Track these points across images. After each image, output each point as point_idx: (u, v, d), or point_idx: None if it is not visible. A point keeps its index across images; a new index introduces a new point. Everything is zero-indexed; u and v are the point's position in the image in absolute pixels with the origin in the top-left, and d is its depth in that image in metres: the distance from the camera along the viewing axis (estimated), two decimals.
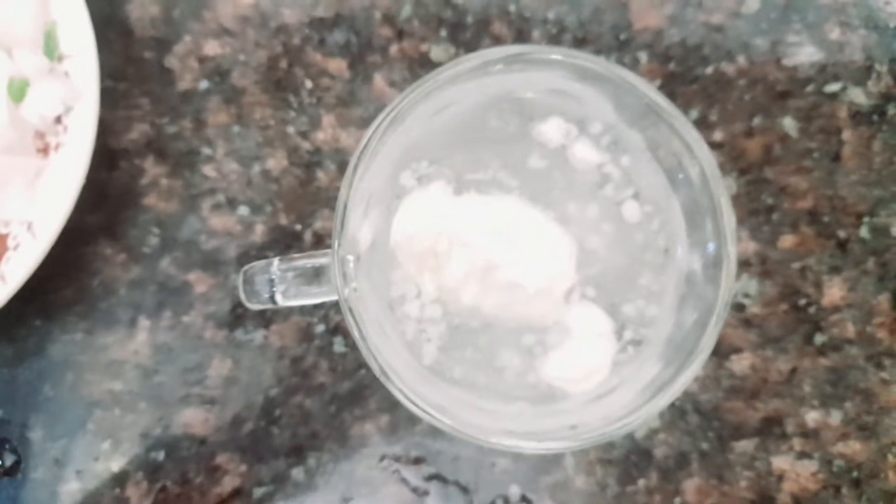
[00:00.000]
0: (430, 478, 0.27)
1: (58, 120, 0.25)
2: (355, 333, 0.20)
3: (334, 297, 0.22)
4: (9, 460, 0.27)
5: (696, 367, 0.20)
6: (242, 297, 0.22)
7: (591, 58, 0.20)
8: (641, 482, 0.27)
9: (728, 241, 0.20)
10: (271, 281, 0.21)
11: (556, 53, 0.21)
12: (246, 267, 0.22)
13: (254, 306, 0.22)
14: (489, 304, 0.21)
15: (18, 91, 0.25)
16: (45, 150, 0.26)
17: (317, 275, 0.21)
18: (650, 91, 0.20)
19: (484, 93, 0.22)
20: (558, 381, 0.22)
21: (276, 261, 0.21)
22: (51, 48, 0.25)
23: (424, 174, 0.22)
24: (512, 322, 0.21)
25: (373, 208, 0.21)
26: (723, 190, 0.20)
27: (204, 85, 0.28)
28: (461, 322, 0.22)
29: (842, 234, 0.28)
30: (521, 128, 0.22)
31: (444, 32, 0.28)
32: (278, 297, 0.21)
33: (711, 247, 0.21)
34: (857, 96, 0.28)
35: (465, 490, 0.27)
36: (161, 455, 0.27)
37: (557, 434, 0.21)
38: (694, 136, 0.20)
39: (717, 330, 0.20)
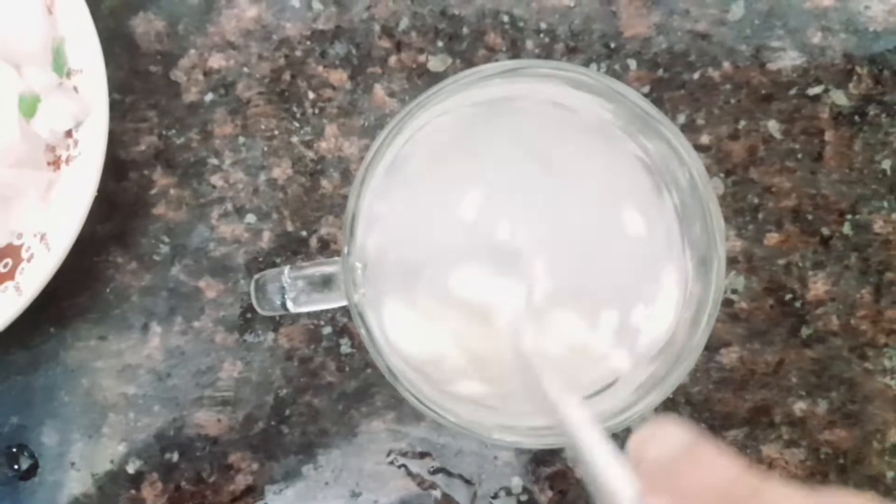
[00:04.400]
0: (436, 471, 0.28)
1: (68, 134, 0.26)
2: (364, 337, 0.21)
3: (342, 304, 0.23)
4: (25, 464, 0.28)
5: (688, 364, 0.21)
6: (255, 304, 0.23)
7: (583, 70, 0.21)
8: None
9: (718, 244, 0.21)
10: (282, 289, 0.22)
11: (550, 67, 0.22)
12: (257, 276, 0.23)
13: (266, 313, 0.23)
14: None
15: (29, 107, 0.25)
16: (56, 164, 0.26)
17: (326, 282, 0.22)
18: (640, 101, 0.21)
19: (481, 104, 0.23)
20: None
21: (286, 269, 0.22)
22: (59, 64, 0.26)
23: None
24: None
25: (376, 218, 0.22)
26: (712, 194, 0.21)
27: (210, 97, 0.29)
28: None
29: (825, 231, 0.29)
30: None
31: (441, 43, 0.29)
32: (289, 304, 0.22)
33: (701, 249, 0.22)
34: (839, 98, 0.30)
35: (469, 482, 0.28)
36: (175, 456, 0.28)
37: (556, 429, 0.22)
38: (683, 143, 0.22)
39: (710, 328, 0.21)
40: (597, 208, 0.23)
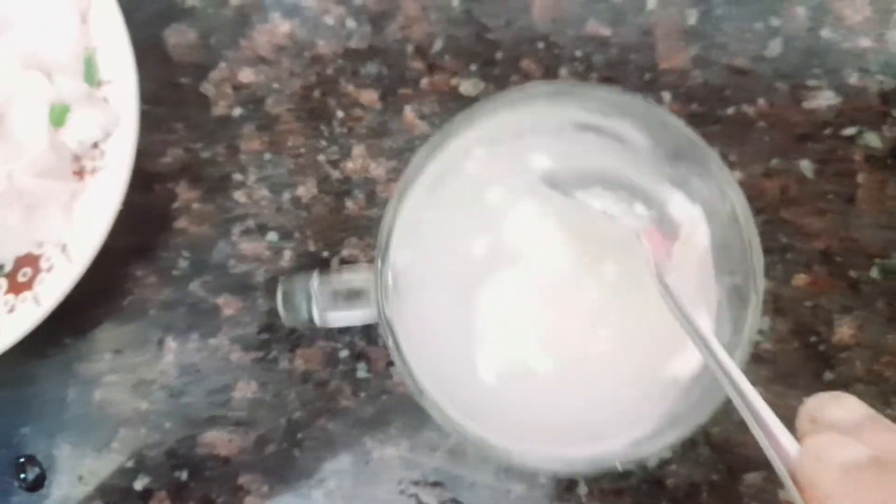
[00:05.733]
0: (447, 502, 0.27)
1: (95, 144, 0.26)
2: (393, 350, 0.20)
3: (369, 320, 0.22)
4: (33, 475, 0.28)
5: (716, 400, 0.21)
6: (281, 313, 0.23)
7: (633, 97, 0.21)
8: None
9: (757, 279, 0.20)
10: (309, 298, 0.22)
11: (600, 90, 0.21)
12: (283, 279, 0.23)
13: (291, 324, 0.23)
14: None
15: (59, 116, 0.25)
16: (80, 174, 0.26)
17: (355, 295, 0.22)
18: (687, 131, 0.21)
19: (521, 127, 0.23)
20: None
21: (314, 274, 0.22)
22: (91, 74, 0.26)
23: None
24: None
25: (412, 232, 0.22)
26: (754, 230, 0.21)
27: (238, 112, 0.28)
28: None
29: (853, 274, 0.29)
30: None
31: (474, 67, 0.29)
32: (315, 317, 0.22)
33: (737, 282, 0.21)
34: (873, 140, 0.29)
35: None
36: (185, 475, 0.27)
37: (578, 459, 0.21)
38: (726, 176, 0.21)
39: (742, 364, 0.20)
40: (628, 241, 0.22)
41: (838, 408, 0.15)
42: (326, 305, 0.22)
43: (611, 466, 0.21)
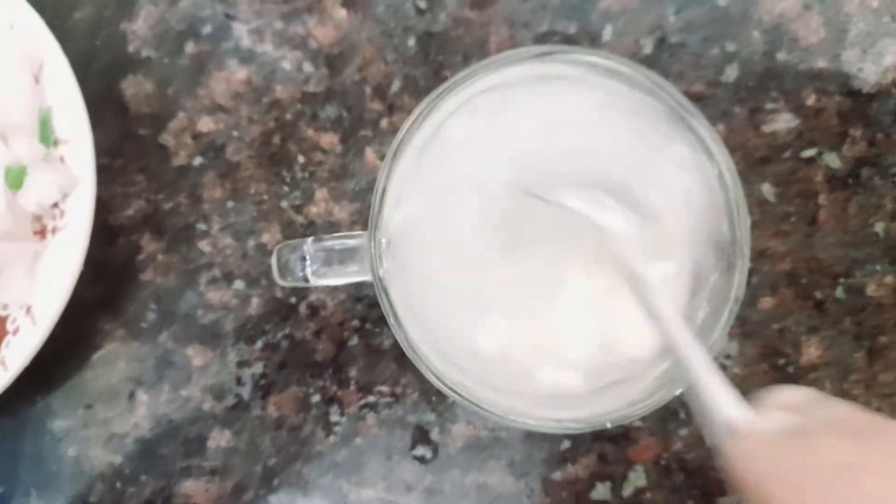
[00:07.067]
0: None
1: (54, 204, 0.26)
2: (387, 312, 0.21)
3: (362, 278, 0.22)
4: None
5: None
6: (276, 274, 0.23)
7: (619, 59, 0.21)
8: None
9: (743, 240, 0.21)
10: (303, 259, 0.22)
11: (592, 55, 0.21)
12: (279, 245, 0.23)
13: (287, 284, 0.23)
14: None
15: (16, 179, 0.25)
16: (41, 233, 0.26)
17: (348, 255, 0.22)
18: (675, 93, 0.21)
19: (515, 84, 0.23)
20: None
21: (309, 240, 0.22)
22: (46, 134, 0.26)
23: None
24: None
25: (405, 195, 0.22)
26: (741, 192, 0.21)
27: (199, 161, 0.28)
28: None
29: (819, 295, 0.29)
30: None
31: None
32: (310, 276, 0.22)
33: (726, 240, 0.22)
34: (833, 161, 0.30)
35: None
36: None
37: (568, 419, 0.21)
38: (715, 138, 0.21)
39: (729, 325, 0.21)
40: (624, 193, 0.22)
41: (778, 394, 0.18)
42: (320, 264, 0.22)
43: (601, 425, 0.21)
